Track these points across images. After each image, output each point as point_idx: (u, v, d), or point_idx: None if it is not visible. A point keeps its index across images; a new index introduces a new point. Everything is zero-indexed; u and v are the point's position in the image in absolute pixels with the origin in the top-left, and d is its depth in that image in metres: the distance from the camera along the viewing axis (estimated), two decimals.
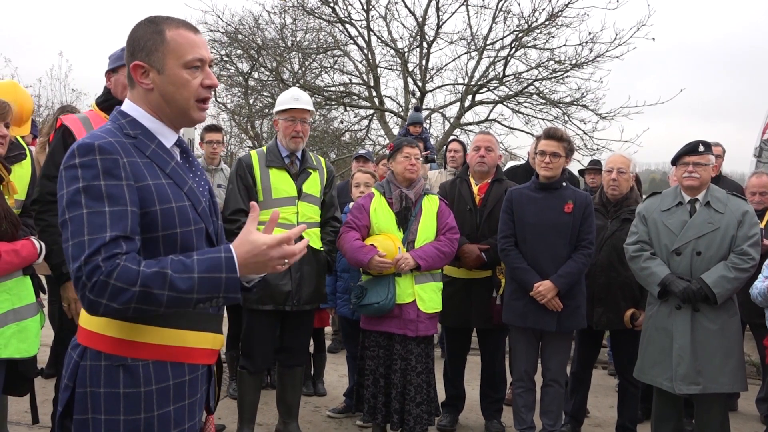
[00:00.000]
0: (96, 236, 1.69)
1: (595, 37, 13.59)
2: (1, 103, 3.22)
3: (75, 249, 1.69)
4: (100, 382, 1.80)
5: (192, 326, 1.91)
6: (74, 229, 1.71)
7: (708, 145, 4.16)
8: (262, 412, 4.78)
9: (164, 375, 1.86)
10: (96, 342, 1.83)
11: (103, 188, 1.73)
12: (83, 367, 1.82)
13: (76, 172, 1.74)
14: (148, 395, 1.83)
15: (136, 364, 1.82)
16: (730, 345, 3.99)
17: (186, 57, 1.88)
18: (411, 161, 4.46)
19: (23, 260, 3.06)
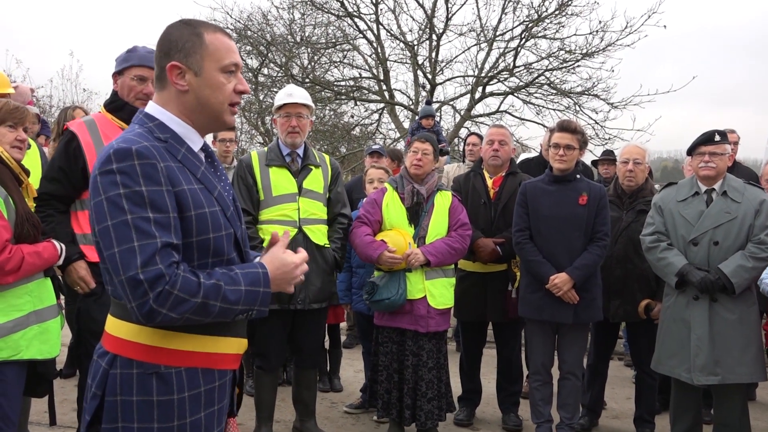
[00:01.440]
0: (147, 242, 1.68)
1: (606, 25, 13.53)
2: (20, 108, 3.25)
3: (125, 255, 1.68)
4: (133, 390, 1.79)
5: (222, 332, 1.91)
6: (119, 235, 1.69)
7: (724, 135, 4.13)
8: (279, 409, 4.81)
9: (196, 382, 1.86)
10: (127, 350, 1.82)
11: (146, 194, 1.71)
12: (113, 376, 1.80)
13: (115, 178, 1.72)
14: (180, 402, 1.83)
15: (169, 372, 1.82)
16: (749, 335, 3.96)
17: (224, 61, 1.89)
18: (417, 156, 4.46)
19: (45, 262, 3.09)
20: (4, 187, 3.01)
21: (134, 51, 3.49)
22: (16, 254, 2.94)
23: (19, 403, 3.10)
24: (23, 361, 3.01)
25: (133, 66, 3.43)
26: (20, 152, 3.22)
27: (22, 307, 3.02)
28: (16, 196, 3.04)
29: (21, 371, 3.04)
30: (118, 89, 3.51)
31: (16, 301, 3.01)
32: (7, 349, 2.93)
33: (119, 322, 1.84)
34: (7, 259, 2.91)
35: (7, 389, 2.96)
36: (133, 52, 3.48)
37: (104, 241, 1.72)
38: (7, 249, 2.92)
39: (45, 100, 15.89)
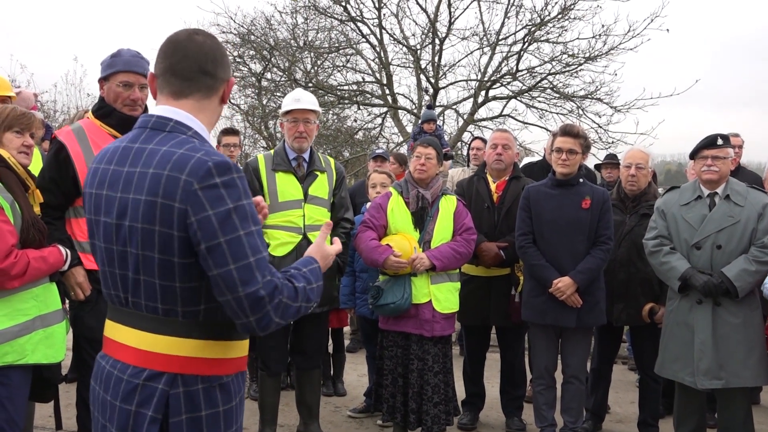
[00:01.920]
0: (258, 257, 1.72)
1: (609, 29, 13.50)
2: (26, 114, 3.27)
3: (243, 272, 1.68)
4: (201, 405, 1.80)
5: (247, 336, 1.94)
6: (234, 251, 1.69)
7: (726, 138, 4.13)
8: (283, 413, 4.81)
9: (241, 384, 1.93)
10: (192, 367, 1.80)
11: (247, 208, 1.73)
12: (175, 396, 1.78)
13: (221, 192, 1.70)
14: (238, 407, 1.90)
15: (229, 380, 1.87)
16: (753, 339, 3.96)
17: None
18: (421, 161, 4.47)
19: (50, 267, 3.10)
20: (11, 192, 3.02)
21: (119, 56, 3.43)
22: (21, 259, 2.96)
23: (25, 407, 3.11)
24: (29, 365, 3.02)
25: (119, 72, 3.38)
26: (27, 158, 3.25)
27: (27, 312, 3.03)
28: (22, 202, 3.06)
29: (26, 375, 3.05)
30: (105, 95, 3.46)
31: (21, 305, 3.02)
32: (13, 353, 2.94)
33: (179, 340, 1.79)
34: (13, 264, 2.92)
35: (13, 393, 2.97)
36: (118, 57, 3.42)
37: (216, 258, 1.69)
38: (12, 254, 2.93)
39: (49, 105, 15.91)
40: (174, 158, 1.73)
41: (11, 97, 4.45)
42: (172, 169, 1.72)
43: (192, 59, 1.86)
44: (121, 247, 1.80)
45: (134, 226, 1.75)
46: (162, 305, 1.78)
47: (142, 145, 1.82)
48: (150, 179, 1.74)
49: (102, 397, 1.86)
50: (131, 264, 1.78)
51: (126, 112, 3.39)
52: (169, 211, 1.70)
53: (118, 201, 1.79)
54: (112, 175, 1.83)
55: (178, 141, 1.79)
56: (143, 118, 1.90)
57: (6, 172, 3.07)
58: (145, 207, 1.73)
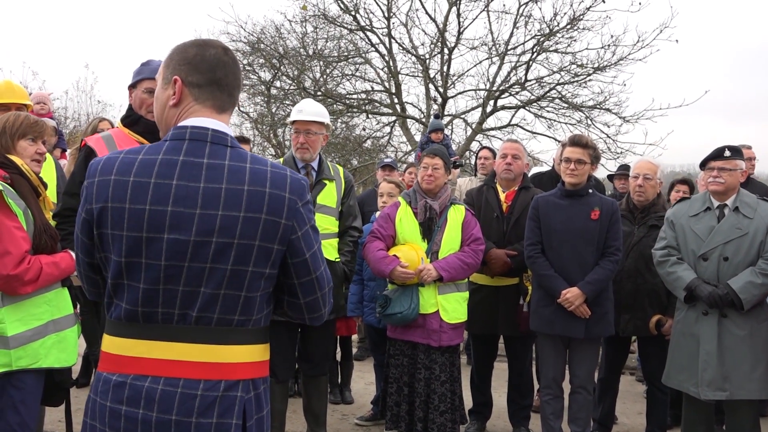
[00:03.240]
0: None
1: (618, 40, 13.48)
2: (39, 122, 3.31)
3: (326, 271, 1.97)
4: (263, 405, 1.92)
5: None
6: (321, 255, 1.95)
7: (735, 150, 4.13)
8: (290, 420, 4.83)
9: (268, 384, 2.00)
10: (258, 371, 1.90)
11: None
12: (249, 400, 1.85)
13: (311, 207, 1.93)
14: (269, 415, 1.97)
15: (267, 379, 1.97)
16: (759, 351, 3.95)
17: None
18: (428, 172, 4.49)
19: (62, 272, 3.14)
20: (24, 199, 3.07)
21: (148, 64, 3.50)
22: (34, 265, 3.00)
23: (37, 411, 3.14)
24: (42, 369, 3.06)
25: (145, 79, 3.42)
26: (38, 165, 3.29)
27: (40, 317, 3.07)
28: (34, 208, 3.10)
29: (39, 379, 3.08)
30: (132, 102, 3.53)
31: (34, 310, 3.06)
32: (27, 357, 2.98)
33: (250, 347, 1.87)
34: (26, 270, 2.96)
35: (26, 397, 3.01)
36: (147, 65, 3.49)
37: (314, 263, 1.91)
38: (26, 260, 2.97)
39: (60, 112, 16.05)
40: (269, 176, 1.82)
41: (27, 106, 4.51)
42: (273, 187, 1.81)
43: (234, 77, 1.92)
44: (198, 264, 1.77)
45: (229, 242, 1.77)
46: (239, 316, 1.83)
47: (212, 161, 1.81)
48: (248, 196, 1.78)
49: (158, 419, 1.78)
50: (213, 280, 1.78)
51: (151, 119, 3.42)
52: (274, 226, 1.81)
53: (200, 218, 1.77)
54: (177, 190, 1.78)
55: (251, 157, 1.86)
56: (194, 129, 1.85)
57: (19, 179, 3.11)
58: (245, 223, 1.78)
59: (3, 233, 2.92)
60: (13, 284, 2.94)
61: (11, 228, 2.96)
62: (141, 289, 1.79)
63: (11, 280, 2.92)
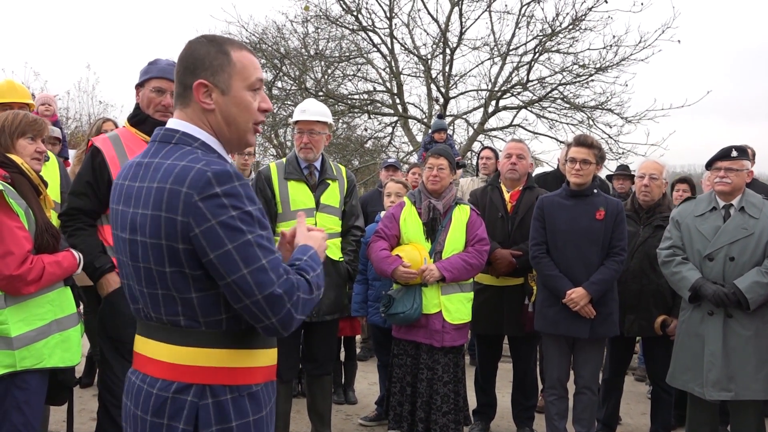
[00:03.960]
0: (270, 257, 1.71)
1: (620, 40, 13.48)
2: (38, 120, 3.30)
3: (257, 275, 1.68)
4: (231, 415, 1.78)
5: (272, 344, 1.94)
6: (245, 256, 1.68)
7: (742, 150, 4.12)
8: (294, 421, 4.81)
9: (271, 393, 1.92)
10: (219, 377, 1.79)
11: (253, 213, 1.73)
12: (205, 407, 1.76)
13: (222, 201, 1.68)
14: (268, 416, 1.89)
15: (258, 389, 1.85)
16: (764, 351, 3.94)
17: (251, 78, 1.85)
18: (433, 172, 4.48)
19: (65, 271, 3.12)
20: (25, 198, 3.05)
21: (155, 63, 3.50)
22: (37, 264, 2.98)
23: (41, 411, 3.13)
24: (46, 369, 3.04)
25: (153, 78, 3.43)
26: (39, 164, 3.27)
27: (44, 316, 3.05)
28: (35, 207, 3.08)
29: (43, 379, 3.07)
30: (139, 101, 3.52)
31: (38, 310, 3.04)
32: (31, 357, 2.96)
33: (204, 351, 1.78)
34: (29, 270, 2.94)
35: (30, 397, 2.99)
36: (154, 65, 3.49)
37: (226, 265, 1.68)
38: (28, 259, 2.95)
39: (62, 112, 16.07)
40: (176, 171, 1.72)
41: (29, 105, 4.49)
42: (173, 182, 1.71)
43: (180, 65, 1.87)
44: (136, 263, 1.79)
45: (145, 242, 1.75)
46: (183, 317, 1.77)
47: (150, 160, 1.81)
48: (154, 194, 1.73)
49: (133, 413, 1.83)
50: (147, 278, 1.78)
51: (158, 118, 3.41)
52: (172, 224, 1.70)
53: (130, 217, 1.79)
54: (126, 190, 1.83)
55: (182, 153, 1.78)
56: (156, 131, 1.88)
57: (20, 178, 3.09)
58: (151, 222, 1.73)
59: (5, 233, 2.91)
60: (16, 284, 2.92)
61: (13, 228, 2.94)
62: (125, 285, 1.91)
63: (14, 280, 2.91)
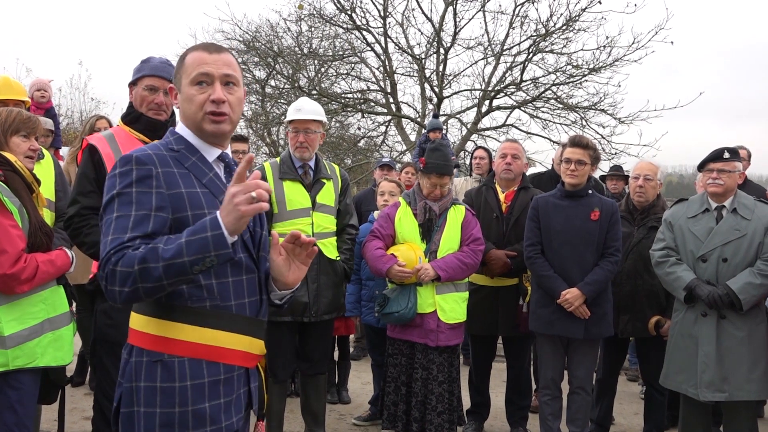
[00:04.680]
0: (117, 236, 1.86)
1: (613, 41, 13.53)
2: (32, 118, 3.28)
3: (102, 248, 1.88)
4: (141, 376, 1.95)
5: (227, 327, 2.01)
6: (104, 230, 1.90)
7: (734, 152, 4.14)
8: (288, 420, 4.81)
9: (199, 372, 1.97)
10: (139, 340, 1.99)
11: (134, 195, 1.90)
12: (130, 364, 1.98)
13: (115, 180, 1.93)
14: (182, 390, 1.94)
15: (173, 360, 1.95)
16: (757, 352, 3.96)
17: (192, 74, 2.04)
18: (436, 190, 4.45)
19: (58, 270, 3.11)
20: (18, 196, 3.03)
21: (148, 61, 3.47)
22: (30, 263, 2.97)
23: (34, 410, 3.12)
24: (38, 368, 3.03)
25: (146, 76, 3.40)
26: (32, 162, 3.26)
27: (36, 315, 3.05)
28: (29, 206, 3.07)
29: (36, 378, 3.06)
30: (133, 100, 3.49)
31: (30, 309, 3.03)
32: (23, 356, 2.95)
33: (135, 315, 2.03)
34: (23, 269, 2.93)
35: (23, 397, 2.98)
36: (147, 63, 3.46)
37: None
38: (22, 258, 2.94)
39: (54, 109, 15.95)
40: None
41: (25, 102, 4.46)
42: None
43: None
44: None
45: None
46: None
47: None
48: None
49: None
50: None
51: (151, 116, 3.40)
52: None
53: None
54: None
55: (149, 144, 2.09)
56: None
57: (13, 176, 3.08)
58: None
59: None
60: (9, 283, 2.91)
61: (7, 226, 2.93)
62: None
63: (8, 279, 2.89)
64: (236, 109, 2.09)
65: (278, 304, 2.20)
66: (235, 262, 2.00)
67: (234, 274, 2.02)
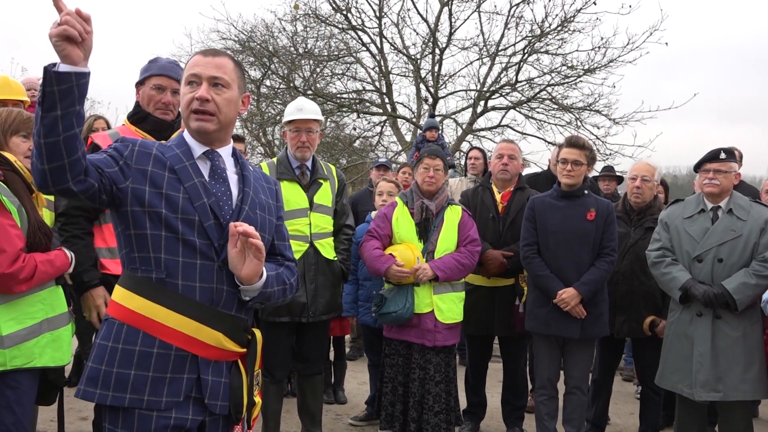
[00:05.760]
0: None
1: (608, 42, 13.59)
2: (32, 119, 3.27)
3: None
4: (98, 334, 2.16)
5: (169, 305, 2.08)
6: None
7: (730, 153, 4.16)
8: (284, 420, 4.80)
9: (133, 339, 2.07)
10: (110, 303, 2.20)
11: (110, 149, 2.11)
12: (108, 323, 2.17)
13: None
14: (112, 351, 2.07)
15: (115, 322, 2.10)
16: (752, 352, 3.98)
17: (185, 75, 2.19)
18: (429, 173, 4.48)
19: (57, 270, 3.10)
20: (17, 196, 3.03)
21: (156, 61, 3.49)
22: (29, 263, 2.96)
23: (32, 410, 3.11)
24: (36, 368, 3.03)
25: (153, 75, 3.41)
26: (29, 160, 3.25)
27: (35, 315, 3.03)
28: (28, 206, 3.06)
29: (34, 379, 3.05)
30: (140, 99, 3.50)
31: (29, 309, 3.02)
32: (22, 356, 2.94)
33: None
34: (21, 268, 2.92)
35: (21, 397, 2.97)
36: (155, 62, 3.47)
37: None
38: (21, 258, 2.93)
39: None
40: None
41: (24, 102, 4.45)
42: None
43: None
44: None
45: None
46: None
47: None
48: None
49: None
50: None
51: (158, 116, 3.39)
52: None
53: None
54: None
55: None
56: None
57: (13, 176, 3.07)
58: None
59: None
60: (8, 283, 2.90)
61: (5, 226, 2.92)
62: None
63: (6, 278, 2.88)
64: (223, 109, 2.16)
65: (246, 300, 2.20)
66: (187, 243, 2.08)
67: (186, 255, 2.09)
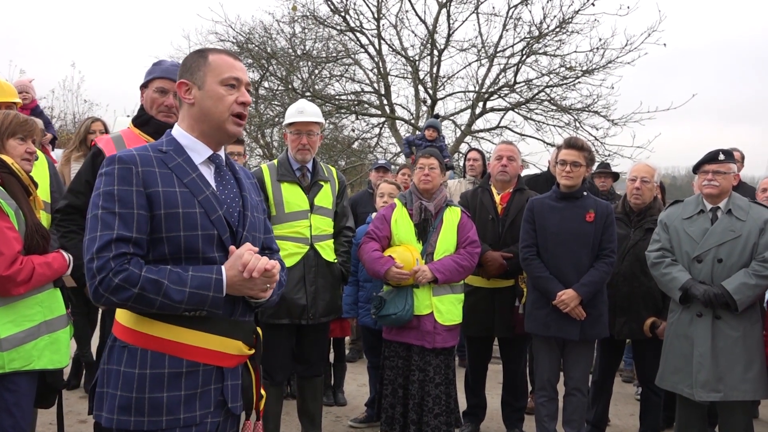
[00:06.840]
0: (106, 232, 1.97)
1: (606, 43, 13.60)
2: (29, 121, 3.28)
3: (89, 243, 1.98)
4: (113, 360, 2.09)
5: (194, 326, 2.08)
6: (91, 225, 2.00)
7: (729, 154, 4.16)
8: (284, 422, 4.79)
9: (160, 363, 2.05)
10: (116, 328, 2.14)
11: (116, 192, 2.01)
12: (108, 348, 2.14)
13: (101, 180, 2.04)
14: (141, 377, 2.04)
15: (136, 349, 2.06)
16: (752, 352, 3.98)
17: (223, 75, 2.14)
18: (425, 172, 4.48)
19: (55, 272, 3.10)
20: (15, 199, 3.03)
21: (159, 64, 3.48)
22: (27, 265, 2.96)
23: (31, 413, 3.10)
24: (35, 371, 3.02)
25: (156, 78, 3.40)
26: (29, 164, 3.26)
27: (33, 318, 3.04)
28: (25, 208, 3.06)
29: (33, 381, 3.05)
30: (144, 102, 3.49)
31: (27, 311, 3.02)
32: (20, 359, 2.94)
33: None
34: (19, 270, 2.92)
35: (20, 400, 2.97)
36: (158, 65, 3.47)
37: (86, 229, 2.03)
38: (18, 260, 2.94)
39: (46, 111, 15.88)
40: None
41: (16, 104, 4.44)
42: None
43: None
44: None
45: None
46: None
47: None
48: None
49: None
50: None
51: (161, 119, 3.39)
52: None
53: None
54: None
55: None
56: None
57: (10, 178, 3.07)
58: None
59: None
60: (5, 285, 2.90)
61: (3, 228, 2.92)
62: None
63: (4, 281, 2.88)
64: None
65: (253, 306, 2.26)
66: (207, 260, 2.08)
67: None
